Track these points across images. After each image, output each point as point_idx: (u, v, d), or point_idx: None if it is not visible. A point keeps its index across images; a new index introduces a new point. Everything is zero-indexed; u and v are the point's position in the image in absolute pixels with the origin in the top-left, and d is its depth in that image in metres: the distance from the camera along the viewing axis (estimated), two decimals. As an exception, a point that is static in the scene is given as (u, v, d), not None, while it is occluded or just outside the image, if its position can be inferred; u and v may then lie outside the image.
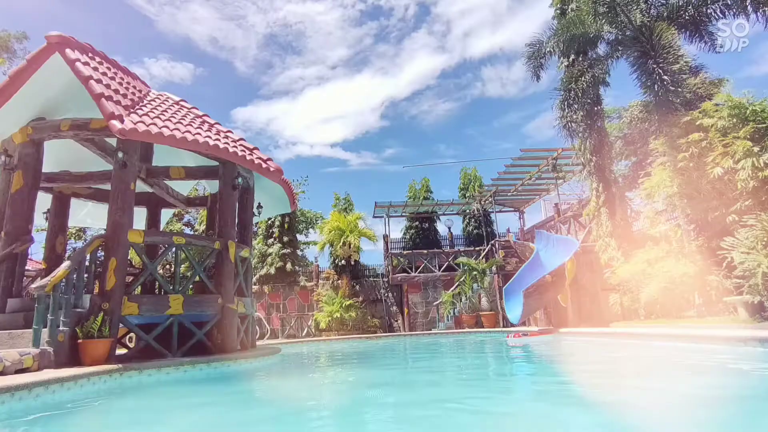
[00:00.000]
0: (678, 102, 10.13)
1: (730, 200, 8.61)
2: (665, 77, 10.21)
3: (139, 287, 7.44)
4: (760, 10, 9.59)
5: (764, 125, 8.27)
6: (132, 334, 9.06)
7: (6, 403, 3.55)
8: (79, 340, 5.47)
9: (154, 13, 57.80)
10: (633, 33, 11.20)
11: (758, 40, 16.42)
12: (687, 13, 10.94)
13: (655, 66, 10.42)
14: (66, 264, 5.61)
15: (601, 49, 12.84)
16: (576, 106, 12.35)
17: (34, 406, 3.77)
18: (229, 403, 4.43)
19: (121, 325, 6.26)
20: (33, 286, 5.30)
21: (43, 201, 8.75)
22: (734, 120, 8.59)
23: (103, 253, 6.50)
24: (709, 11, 10.73)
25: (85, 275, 6.25)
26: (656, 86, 10.38)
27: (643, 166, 11.98)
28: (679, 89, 10.16)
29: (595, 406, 3.43)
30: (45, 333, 5.22)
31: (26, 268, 7.40)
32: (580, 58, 12.92)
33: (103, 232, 6.69)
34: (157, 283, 8.69)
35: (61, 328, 5.42)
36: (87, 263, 6.26)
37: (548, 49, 12.97)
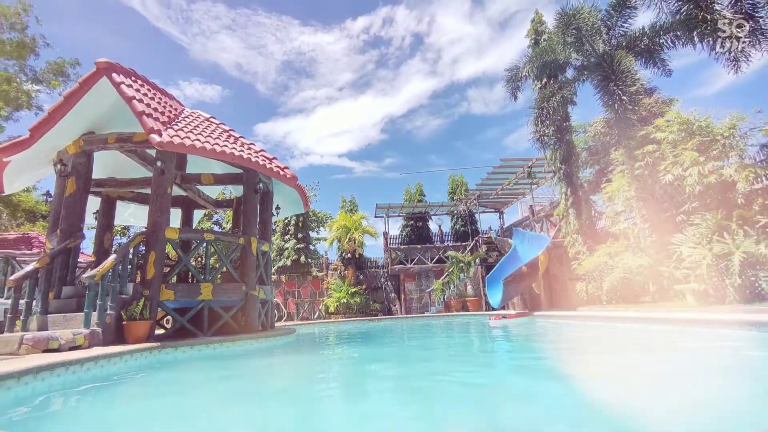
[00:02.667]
0: (635, 119, 10.13)
1: (679, 203, 8.62)
2: (624, 97, 10.21)
3: (175, 277, 7.44)
4: (705, 40, 9.57)
5: (708, 138, 8.28)
6: (168, 317, 9.06)
7: (61, 375, 3.55)
8: (124, 322, 5.47)
9: (187, 42, 57.84)
10: (596, 60, 11.19)
11: (703, 65, 16.48)
12: (642, 43, 10.93)
13: (615, 88, 10.41)
14: (113, 257, 5.61)
15: (569, 73, 12.84)
16: (548, 122, 12.35)
17: (86, 378, 3.77)
18: (253, 376, 4.43)
19: (159, 309, 6.26)
20: (84, 275, 5.29)
21: (93, 203, 8.75)
22: (683, 134, 8.60)
23: (144, 248, 6.50)
24: (661, 41, 10.72)
25: (129, 267, 6.25)
26: (616, 105, 10.38)
27: (605, 173, 11.99)
28: (636, 108, 10.17)
29: (562, 377, 3.43)
30: (94, 316, 5.22)
31: (78, 260, 7.38)
32: (551, 81, 12.92)
33: (144, 229, 6.68)
34: (190, 273, 8.68)
35: (108, 311, 5.42)
36: (130, 256, 6.27)
37: (524, 74, 12.97)
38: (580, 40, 11.19)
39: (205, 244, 7.19)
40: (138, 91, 6.63)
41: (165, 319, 9.33)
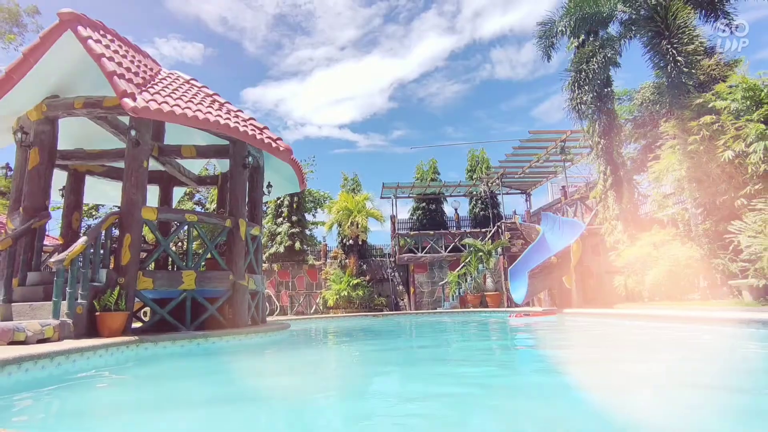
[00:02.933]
0: (691, 84, 9.88)
1: (739, 184, 8.48)
2: (679, 58, 9.93)
3: (153, 263, 7.56)
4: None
5: (779, 108, 8.07)
6: (146, 309, 9.24)
7: (30, 370, 3.66)
8: (97, 313, 5.60)
9: (163, -9, 57.06)
10: (648, 12, 10.85)
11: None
12: (704, -9, 10.57)
13: (669, 46, 10.13)
14: (83, 239, 5.70)
15: (613, 29, 12.49)
16: (586, 87, 12.08)
17: (56, 374, 3.89)
18: (241, 375, 4.54)
19: (136, 299, 6.39)
20: (52, 259, 5.39)
21: (59, 178, 8.83)
22: (748, 102, 8.38)
23: (117, 230, 6.58)
24: (728, -12, 10.36)
25: (101, 251, 6.35)
26: (669, 67, 10.11)
27: (653, 149, 11.78)
28: (693, 71, 9.89)
29: (585, 385, 3.43)
30: (64, 305, 5.34)
31: (44, 243, 7.52)
32: (591, 38, 12.58)
33: (117, 208, 6.75)
34: (170, 259, 8.81)
35: (79, 300, 5.54)
36: (102, 239, 6.35)
37: (560, 29, 12.64)
38: (628, -12, 10.85)
39: (186, 227, 7.27)
40: (108, 47, 6.60)
41: (142, 310, 9.53)
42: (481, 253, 17.58)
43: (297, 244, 19.72)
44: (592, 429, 2.28)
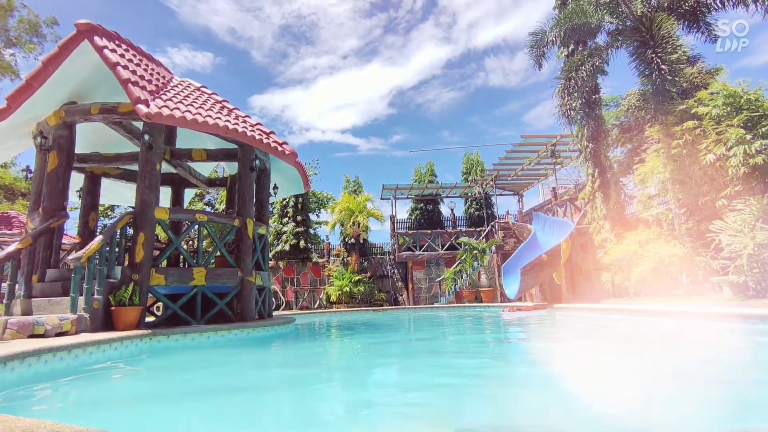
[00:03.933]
0: (674, 91, 9.87)
1: (720, 186, 8.48)
2: (663, 66, 9.93)
3: (165, 260, 7.56)
4: (759, 1, 9.21)
5: (757, 113, 8.07)
6: (159, 303, 9.26)
7: (49, 362, 3.67)
8: (112, 308, 5.61)
9: (176, 4, 57.04)
10: (633, 23, 10.85)
11: (755, 30, 15.88)
12: (687, 4, 10.55)
13: (653, 56, 10.12)
14: (99, 238, 5.70)
15: (601, 39, 12.47)
16: (575, 94, 12.08)
17: (74, 366, 3.90)
18: (249, 366, 4.55)
19: (149, 294, 6.39)
20: (70, 257, 5.40)
21: (76, 180, 8.83)
22: (728, 108, 8.38)
23: (131, 229, 6.59)
24: (708, 1, 10.35)
25: (116, 249, 6.36)
26: (654, 75, 10.11)
27: (638, 152, 11.78)
28: (676, 78, 9.88)
29: (573, 376, 3.46)
30: (81, 300, 5.34)
31: (62, 242, 7.52)
32: (580, 48, 12.58)
33: (131, 209, 6.76)
34: (181, 257, 8.81)
35: (95, 296, 5.55)
36: (118, 238, 6.36)
37: (550, 39, 12.63)
38: (615, 0, 10.84)
39: (197, 226, 7.28)
40: (123, 56, 6.60)
41: (155, 305, 9.54)
42: (475, 251, 17.57)
43: (302, 243, 19.70)
44: (578, 416, 2.29)
